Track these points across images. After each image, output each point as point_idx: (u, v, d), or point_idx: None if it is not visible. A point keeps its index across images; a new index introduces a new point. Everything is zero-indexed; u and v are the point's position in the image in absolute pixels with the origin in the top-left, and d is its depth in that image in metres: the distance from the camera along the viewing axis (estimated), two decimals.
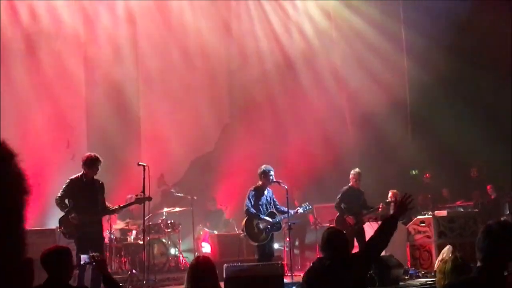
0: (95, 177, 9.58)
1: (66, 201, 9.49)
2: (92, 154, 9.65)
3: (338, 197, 12.41)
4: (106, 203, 9.73)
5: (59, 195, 9.51)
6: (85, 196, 9.43)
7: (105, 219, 10.18)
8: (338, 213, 12.37)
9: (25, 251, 1.07)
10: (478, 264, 3.67)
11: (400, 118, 17.31)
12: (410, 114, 17.55)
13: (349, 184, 12.58)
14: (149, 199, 9.96)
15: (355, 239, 11.63)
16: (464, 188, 15.66)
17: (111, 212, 10.06)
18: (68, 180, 9.60)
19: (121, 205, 10.06)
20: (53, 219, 12.59)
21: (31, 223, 12.72)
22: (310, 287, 5.43)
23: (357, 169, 12.67)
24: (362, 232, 11.82)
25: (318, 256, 7.27)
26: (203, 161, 16.62)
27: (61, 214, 9.56)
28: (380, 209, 12.48)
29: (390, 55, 17.15)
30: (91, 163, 9.48)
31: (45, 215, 13.03)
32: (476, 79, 16.31)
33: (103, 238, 10.07)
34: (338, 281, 5.28)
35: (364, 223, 12.10)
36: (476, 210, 13.84)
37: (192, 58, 16.37)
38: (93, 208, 9.44)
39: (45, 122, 14.05)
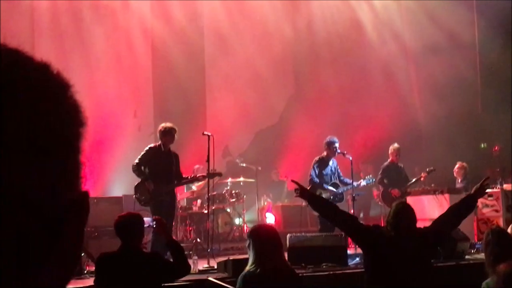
0: (171, 148, 9.78)
1: (142, 168, 9.67)
2: (168, 123, 9.83)
3: (379, 173, 12.66)
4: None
5: (137, 161, 9.68)
6: (161, 165, 9.60)
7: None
8: (383, 188, 12.64)
9: (80, 184, 1.07)
10: None
11: (471, 90, 16.87)
12: (481, 87, 17.06)
13: (389, 160, 12.76)
14: (220, 174, 10.14)
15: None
16: None
17: (183, 182, 10.31)
18: (147, 148, 9.80)
19: (191, 177, 10.31)
20: (119, 188, 12.91)
21: (98, 191, 13.12)
22: (367, 248, 5.40)
23: (396, 145, 12.86)
24: None
25: None
26: (268, 132, 16.64)
27: (126, 181, 9.74)
28: (423, 179, 12.64)
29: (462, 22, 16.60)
30: (166, 132, 9.66)
31: (111, 183, 13.33)
32: None
33: (175, 208, 10.27)
34: (400, 253, 5.22)
35: (408, 194, 12.16)
36: None
37: (258, 29, 16.33)
38: (168, 177, 9.62)
39: (115, 92, 14.30)
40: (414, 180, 12.70)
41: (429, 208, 11.47)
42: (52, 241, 1.00)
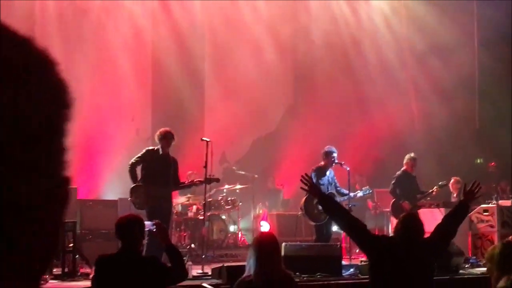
0: (171, 154, 9.74)
1: (136, 170, 9.64)
2: (166, 128, 9.80)
3: (392, 182, 12.40)
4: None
5: (132, 161, 9.66)
6: (158, 168, 9.53)
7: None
8: (394, 199, 12.37)
9: (63, 169, 0.99)
10: None
11: (469, 105, 16.91)
12: (479, 100, 17.11)
13: (403, 169, 12.48)
14: (217, 180, 10.07)
15: None
16: None
17: (180, 187, 10.23)
18: (144, 150, 9.77)
19: (188, 182, 10.17)
20: (114, 191, 12.90)
21: (94, 194, 13.11)
22: (374, 257, 5.39)
23: (412, 154, 12.57)
24: None
25: None
26: (265, 140, 16.65)
27: (122, 185, 9.70)
28: (434, 193, 12.42)
29: (460, 37, 16.68)
30: (162, 136, 9.62)
31: (107, 186, 13.32)
32: None
33: (172, 213, 10.24)
34: (406, 264, 5.22)
35: (419, 208, 11.95)
36: None
37: (258, 38, 16.36)
38: (164, 181, 9.54)
39: (114, 95, 14.32)
40: (425, 193, 12.45)
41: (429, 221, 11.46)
42: (25, 229, 0.92)
